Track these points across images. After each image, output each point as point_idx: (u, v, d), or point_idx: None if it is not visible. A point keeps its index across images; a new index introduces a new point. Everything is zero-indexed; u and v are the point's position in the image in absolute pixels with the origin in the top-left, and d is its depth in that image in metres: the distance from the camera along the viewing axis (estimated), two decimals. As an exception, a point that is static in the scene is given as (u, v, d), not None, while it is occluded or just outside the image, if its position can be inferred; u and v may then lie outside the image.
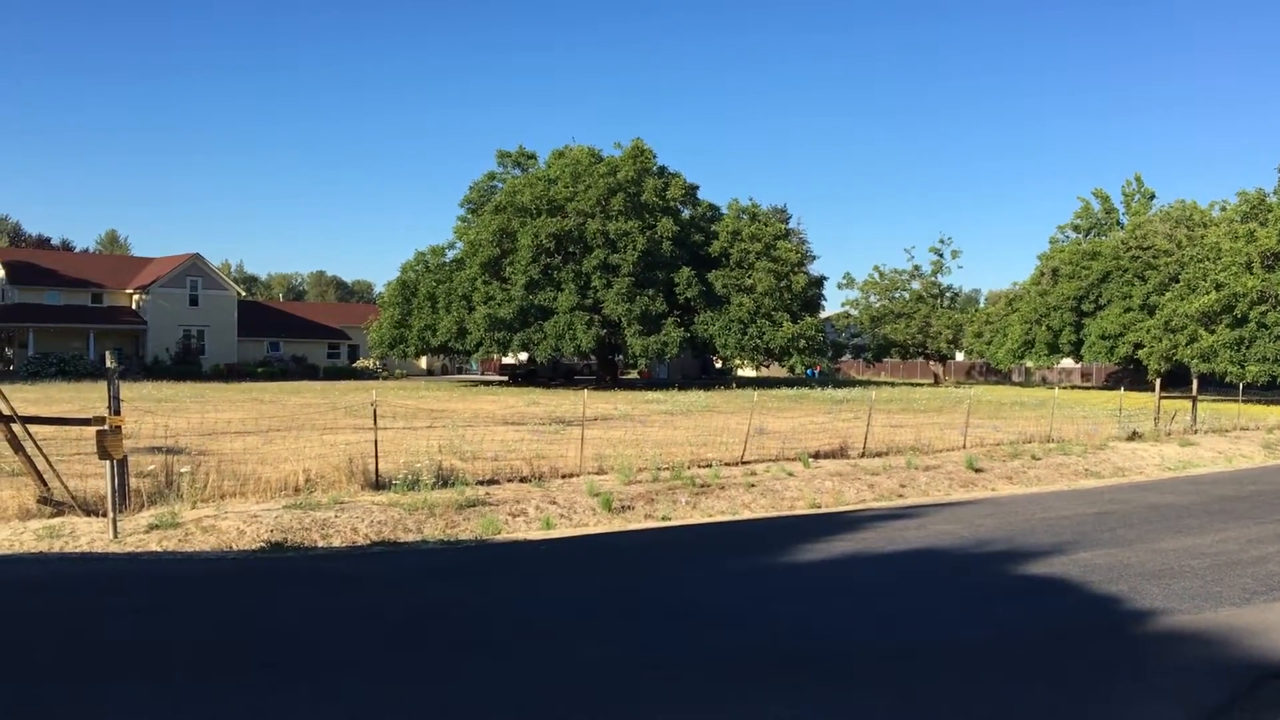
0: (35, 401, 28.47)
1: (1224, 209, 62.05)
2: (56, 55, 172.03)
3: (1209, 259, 52.03)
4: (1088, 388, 67.98)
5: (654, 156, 56.13)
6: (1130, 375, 60.16)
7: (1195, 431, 26.32)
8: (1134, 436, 24.22)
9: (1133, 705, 6.23)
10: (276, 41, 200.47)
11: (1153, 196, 69.96)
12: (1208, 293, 49.04)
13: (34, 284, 63.14)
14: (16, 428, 11.64)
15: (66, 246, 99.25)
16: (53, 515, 11.47)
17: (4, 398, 11.61)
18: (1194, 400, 28.70)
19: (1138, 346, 55.74)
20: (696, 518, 13.76)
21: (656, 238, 52.45)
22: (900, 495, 16.10)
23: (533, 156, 62.72)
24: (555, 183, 54.65)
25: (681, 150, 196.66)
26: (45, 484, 11.82)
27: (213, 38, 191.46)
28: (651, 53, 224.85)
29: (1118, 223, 70.20)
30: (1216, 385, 48.42)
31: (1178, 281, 55.15)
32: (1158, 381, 29.94)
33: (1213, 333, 48.08)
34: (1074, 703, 6.21)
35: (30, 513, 11.52)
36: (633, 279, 51.20)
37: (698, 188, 60.38)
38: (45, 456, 11.93)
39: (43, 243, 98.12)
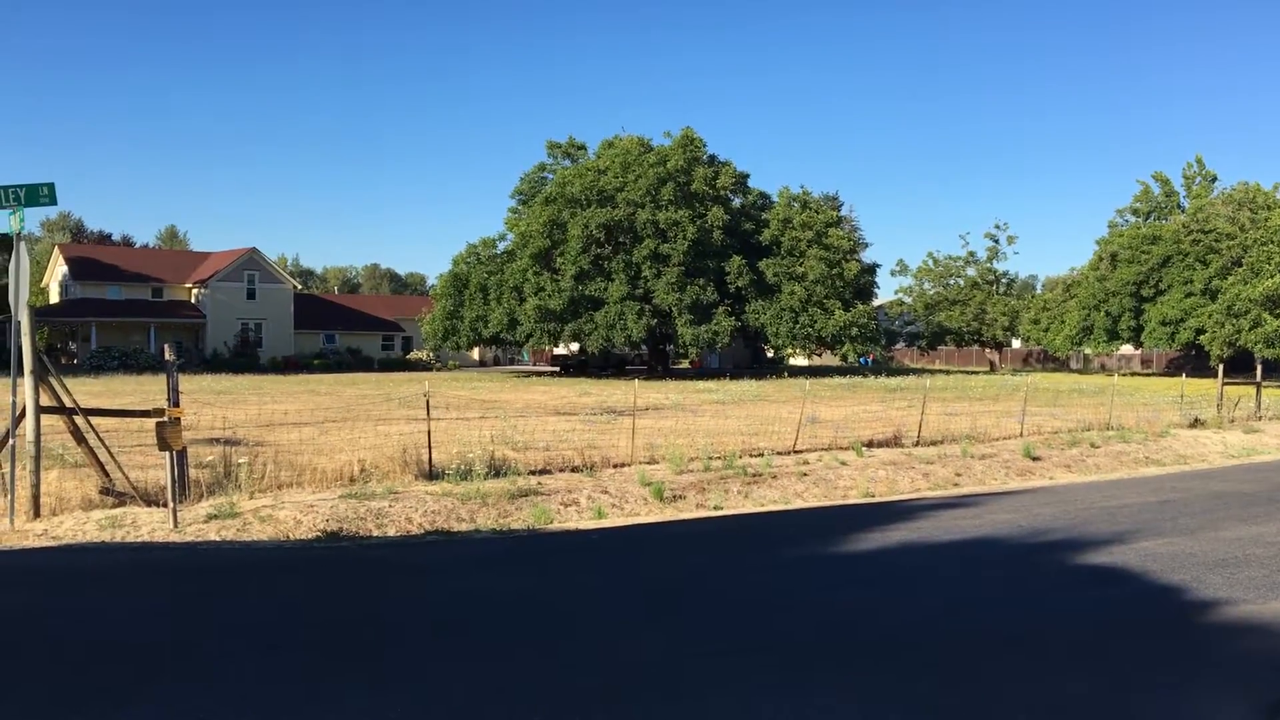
0: (97, 394, 29.07)
1: (1289, 190, 60.60)
2: (116, 52, 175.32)
3: (1273, 241, 50.83)
4: (1148, 374, 66.79)
5: (704, 145, 55.99)
6: (1192, 361, 59.07)
7: (1260, 418, 25.74)
8: (1196, 424, 23.74)
9: (1195, 697, 6.10)
10: (330, 34, 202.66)
11: (1214, 179, 68.44)
12: (1272, 276, 47.93)
13: (96, 279, 64.47)
14: (79, 420, 11.88)
15: (127, 242, 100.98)
16: (114, 505, 11.70)
17: (67, 390, 11.85)
18: (1258, 386, 28.08)
19: (1199, 332, 54.60)
20: (749, 507, 13.71)
21: (707, 227, 52.30)
22: (955, 484, 15.92)
23: (582, 147, 62.83)
24: (605, 173, 54.68)
25: (732, 138, 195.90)
26: (107, 475, 12.06)
27: (265, 31, 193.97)
28: (702, 40, 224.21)
29: (1178, 206, 68.75)
30: (1282, 371, 47.37)
31: (1241, 265, 53.94)
32: (1220, 367, 29.32)
33: (1277, 317, 46.99)
34: (1134, 695, 6.10)
35: (93, 503, 11.76)
36: (683, 268, 51.11)
37: (748, 176, 60.20)
38: (107, 448, 12.17)
39: (104, 239, 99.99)
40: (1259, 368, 30.54)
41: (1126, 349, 71.79)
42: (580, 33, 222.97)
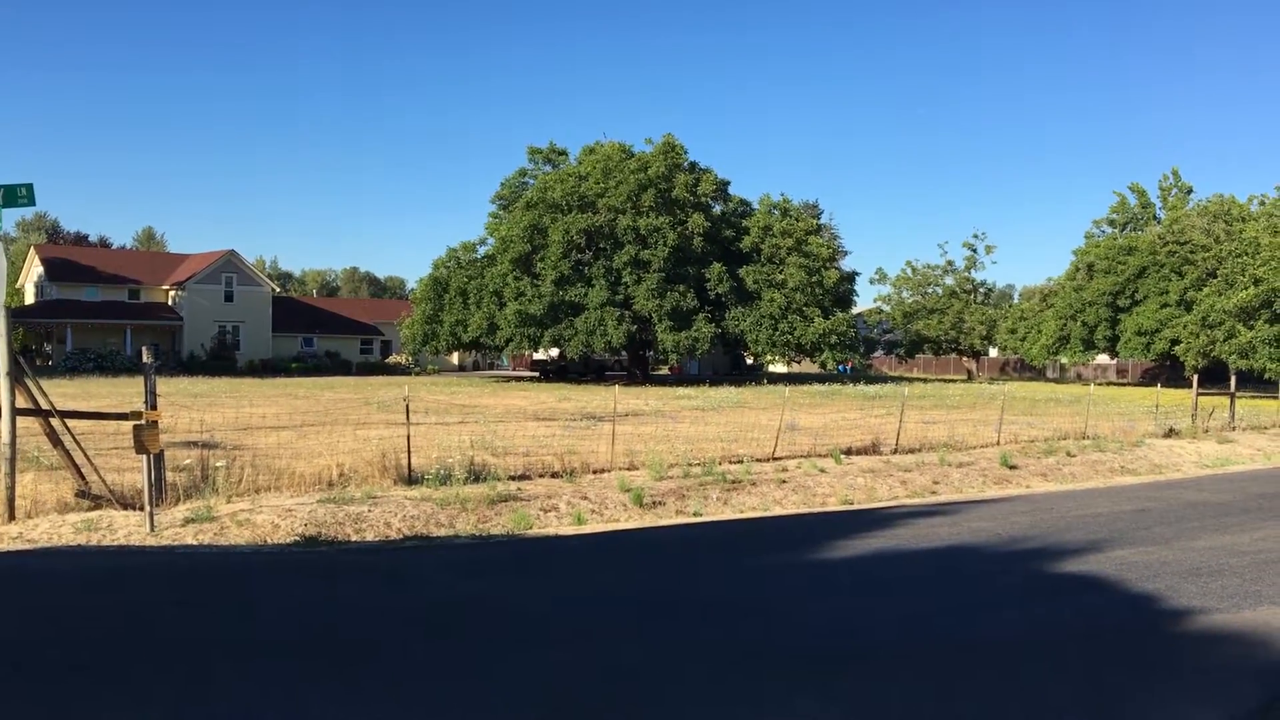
0: (73, 396, 28.84)
1: (1263, 203, 61.27)
2: (93, 51, 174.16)
3: (1247, 254, 51.35)
4: (1123, 384, 67.27)
5: (685, 152, 56.03)
6: (1167, 372, 59.53)
7: (1233, 428, 25.99)
8: (1171, 433, 23.94)
9: (1169, 706, 6.16)
10: (310, 38, 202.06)
11: (1190, 191, 69.10)
12: (1246, 288, 48.38)
13: (72, 280, 63.92)
14: (55, 422, 11.79)
15: (104, 243, 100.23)
16: (90, 508, 11.61)
17: (43, 392, 11.76)
18: (1232, 397, 28.34)
19: (1174, 343, 55.07)
20: (728, 514, 13.73)
21: (687, 233, 52.36)
22: (933, 492, 16.00)
23: (564, 153, 62.79)
24: (586, 179, 54.67)
25: (713, 146, 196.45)
26: (83, 477, 11.96)
27: (245, 34, 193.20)
28: (683, 48, 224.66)
29: (1154, 217, 69.37)
30: (1255, 382, 47.75)
31: (1215, 277, 54.49)
32: (1195, 378, 29.58)
33: (1251, 328, 47.45)
34: (1109, 703, 6.14)
35: (68, 506, 11.67)
36: (664, 275, 51.13)
37: (729, 183, 60.29)
38: (83, 450, 12.07)
39: (80, 240, 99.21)
40: (1233, 378, 30.81)
41: (1102, 359, 72.35)
42: (562, 39, 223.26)
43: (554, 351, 61.34)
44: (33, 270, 68.32)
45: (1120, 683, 6.51)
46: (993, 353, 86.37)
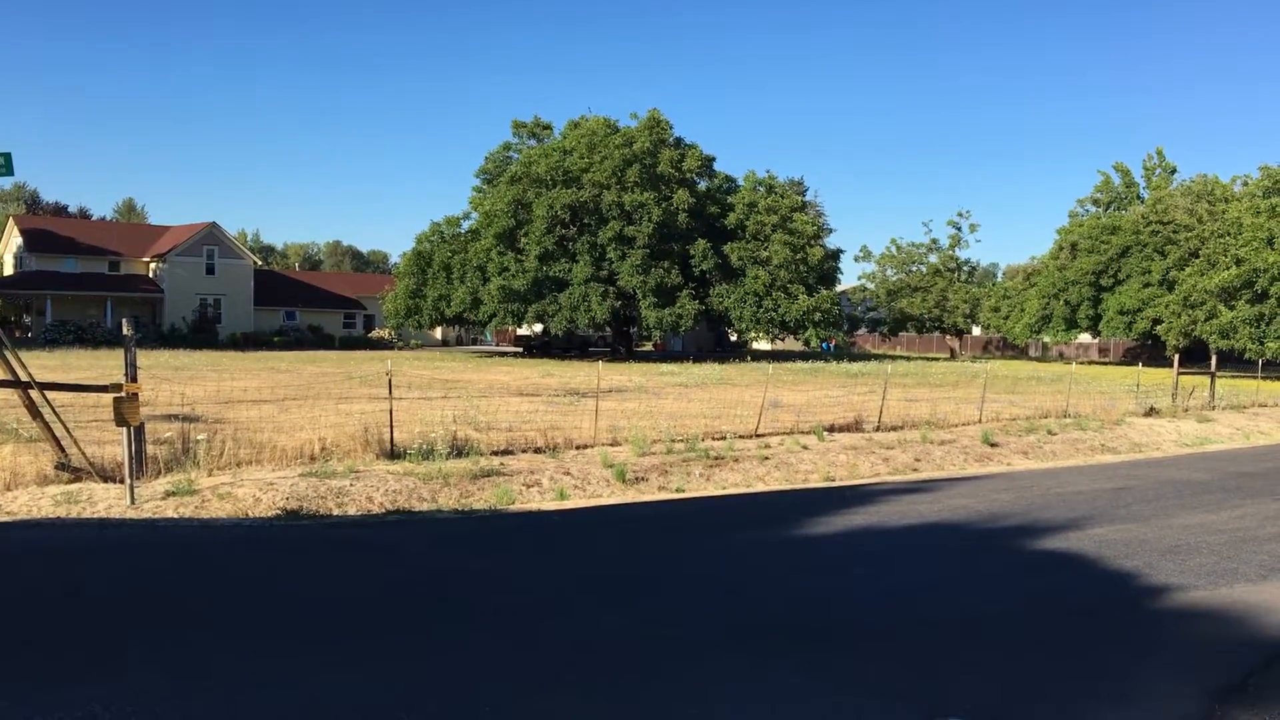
0: (53, 368, 28.62)
1: (1246, 184, 61.54)
2: (74, 21, 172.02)
3: (1230, 234, 51.61)
4: (1105, 363, 67.60)
5: (670, 128, 55.82)
6: (1148, 351, 59.87)
7: (1213, 408, 26.15)
8: (1151, 412, 24.08)
9: (1147, 681, 6.21)
10: (294, 10, 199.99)
11: (1174, 171, 69.26)
12: (1228, 268, 48.64)
13: (52, 252, 63.35)
14: (34, 394, 11.69)
15: (84, 214, 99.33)
16: (70, 481, 11.55)
17: (22, 364, 11.66)
18: (1212, 376, 28.50)
19: (1156, 322, 55.34)
20: (710, 490, 13.76)
21: (672, 209, 52.21)
22: (915, 469, 16.06)
23: (548, 127, 62.44)
24: (571, 154, 54.41)
25: (698, 122, 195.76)
26: (63, 450, 11.88)
27: (230, 5, 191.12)
28: (669, 23, 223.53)
29: (1138, 197, 69.54)
30: (1235, 361, 48.04)
31: (1198, 257, 54.71)
32: (1176, 357, 29.77)
33: (1232, 309, 47.73)
34: (1087, 678, 6.19)
35: (48, 478, 11.60)
36: (648, 251, 51.01)
37: (714, 159, 60.08)
38: (63, 423, 11.99)
39: (60, 211, 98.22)
40: (1214, 358, 30.99)
41: (1084, 338, 72.64)
42: (547, 13, 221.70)
43: (538, 327, 61.29)
44: (11, 241, 67.70)
45: (1099, 658, 6.56)
46: (976, 331, 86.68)
